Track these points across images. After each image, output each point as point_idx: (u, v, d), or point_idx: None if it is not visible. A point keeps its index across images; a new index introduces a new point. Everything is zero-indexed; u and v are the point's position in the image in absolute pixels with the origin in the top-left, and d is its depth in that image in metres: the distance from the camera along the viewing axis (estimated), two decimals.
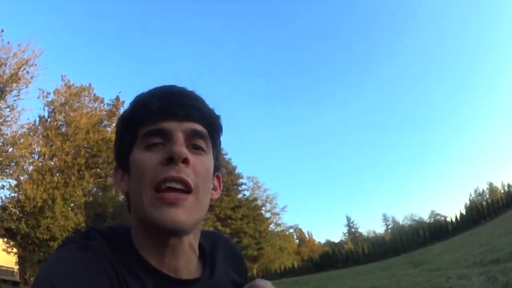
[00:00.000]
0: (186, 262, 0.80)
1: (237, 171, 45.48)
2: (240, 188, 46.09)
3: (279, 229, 52.71)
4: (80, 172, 28.40)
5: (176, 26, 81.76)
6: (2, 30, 21.64)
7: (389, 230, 62.08)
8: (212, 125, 0.83)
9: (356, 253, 31.18)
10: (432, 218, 55.21)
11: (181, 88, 0.83)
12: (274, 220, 51.28)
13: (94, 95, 30.91)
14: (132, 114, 0.80)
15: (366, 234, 66.58)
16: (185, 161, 0.74)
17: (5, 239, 24.58)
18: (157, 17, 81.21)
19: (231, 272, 0.93)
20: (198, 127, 0.79)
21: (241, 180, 46.03)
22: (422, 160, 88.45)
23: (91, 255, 0.69)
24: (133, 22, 77.43)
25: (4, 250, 24.72)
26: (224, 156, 43.43)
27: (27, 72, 23.26)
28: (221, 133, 0.88)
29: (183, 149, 0.75)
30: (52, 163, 28.38)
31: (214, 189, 0.87)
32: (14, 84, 22.90)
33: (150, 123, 0.77)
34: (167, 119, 0.77)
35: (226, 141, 0.89)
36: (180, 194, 0.73)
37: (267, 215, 49.41)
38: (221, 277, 0.87)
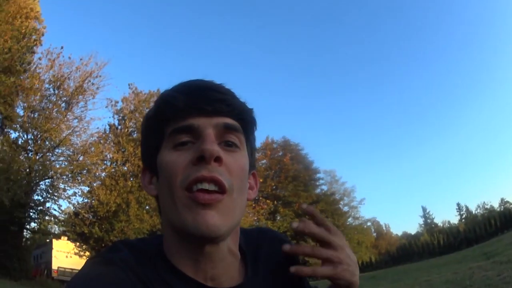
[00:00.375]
0: (226, 268, 0.75)
1: (314, 165, 44.90)
2: (317, 183, 45.69)
3: (357, 222, 52.12)
4: None
5: (243, 29, 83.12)
6: (62, 47, 22.68)
7: (463, 220, 59.72)
8: (244, 119, 0.77)
9: (431, 245, 30.84)
10: (502, 207, 52.53)
11: (208, 81, 0.77)
12: (352, 213, 50.88)
13: None
14: (157, 113, 0.76)
15: (441, 225, 65.04)
16: (218, 159, 0.69)
17: (78, 243, 25.87)
18: (218, 16, 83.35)
19: (279, 262, 0.85)
20: (230, 121, 0.74)
21: (318, 175, 45.61)
22: (496, 145, 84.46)
23: (114, 268, 0.67)
24: (196, 24, 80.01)
25: (76, 253, 26.04)
26: (300, 151, 43.39)
27: (92, 84, 24.26)
28: (255, 128, 0.82)
29: (215, 146, 0.70)
30: (126, 168, 29.42)
31: (251, 188, 0.82)
32: (80, 96, 23.91)
33: (177, 120, 0.72)
34: (195, 115, 0.72)
35: (301, 136, 0.59)
36: (214, 194, 0.68)
37: (345, 209, 49.01)
38: (267, 275, 0.83)
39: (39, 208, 22.95)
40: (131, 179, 29.05)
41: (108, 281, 0.64)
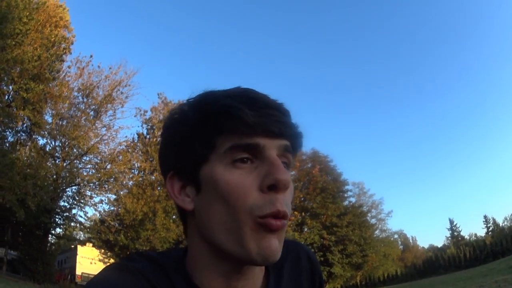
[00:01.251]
0: (254, 283, 0.75)
1: (342, 177, 44.76)
2: (345, 195, 45.60)
3: (384, 235, 51.93)
4: None
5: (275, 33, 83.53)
6: (91, 56, 23.12)
7: (490, 233, 58.68)
8: (298, 145, 0.74)
9: (458, 258, 30.93)
10: None
11: (270, 98, 0.72)
12: (379, 226, 50.68)
13: None
14: (211, 120, 0.69)
15: (468, 238, 64.68)
16: (286, 188, 0.67)
17: (102, 250, 26.06)
18: (242, 23, 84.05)
19: (302, 277, 0.86)
20: (288, 145, 0.71)
21: (346, 187, 45.46)
22: None
23: (130, 276, 0.66)
24: (229, 36, 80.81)
25: (100, 260, 26.22)
26: (329, 163, 43.31)
27: (121, 93, 24.60)
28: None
29: (287, 175, 0.67)
30: (153, 177, 29.56)
31: None
32: (109, 105, 24.25)
33: (241, 136, 0.67)
34: (261, 134, 0.67)
35: (330, 148, 0.65)
36: (281, 221, 0.66)
37: (372, 221, 48.83)
38: (289, 286, 0.82)
39: (65, 214, 23.35)
40: (159, 188, 29.18)
41: (126, 286, 0.63)
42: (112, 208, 26.09)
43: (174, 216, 28.74)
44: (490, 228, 61.80)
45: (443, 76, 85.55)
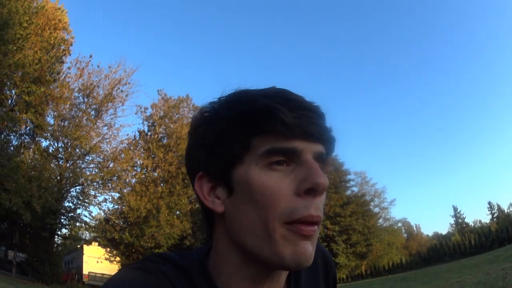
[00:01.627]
0: (278, 285, 0.72)
1: (344, 167, 45.10)
2: (348, 185, 45.82)
3: (387, 224, 51.94)
4: (185, 181, 29.10)
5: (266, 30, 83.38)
6: (91, 56, 23.21)
7: (495, 219, 58.18)
8: (331, 150, 0.72)
9: (463, 245, 30.76)
10: None
11: (308, 101, 0.70)
12: (383, 215, 50.69)
13: (193, 105, 31.71)
14: (249, 120, 0.67)
15: (472, 225, 64.30)
16: (324, 191, 0.66)
17: (108, 249, 26.29)
18: (243, 18, 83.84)
19: (319, 277, 0.87)
20: (323, 150, 0.69)
21: (348, 177, 45.80)
22: None
23: (153, 278, 0.64)
24: (223, 28, 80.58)
25: (107, 259, 26.45)
26: None
27: (121, 91, 24.68)
28: None
29: (326, 178, 0.65)
30: (156, 174, 29.73)
31: None
32: (110, 104, 24.35)
33: (279, 139, 0.65)
34: (299, 138, 0.66)
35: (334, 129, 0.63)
36: (314, 226, 0.65)
37: (376, 210, 48.85)
38: (307, 286, 0.82)
39: (70, 214, 23.48)
40: (162, 184, 29.38)
41: (149, 286, 0.62)
42: (116, 206, 26.35)
43: (177, 212, 29.01)
44: (495, 215, 61.41)
45: (451, 63, 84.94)
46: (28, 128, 21.59)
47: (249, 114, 0.66)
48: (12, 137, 21.10)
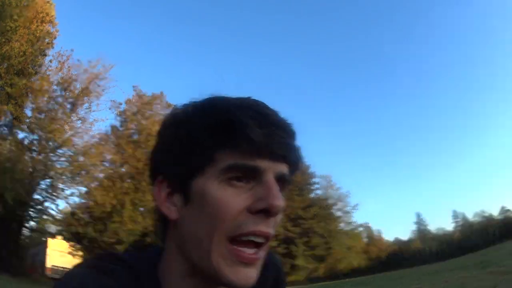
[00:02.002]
0: None
1: (310, 170, 44.11)
2: (312, 188, 45.12)
3: (349, 228, 50.53)
4: None
5: (244, 29, 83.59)
6: (72, 50, 23.11)
7: (459, 228, 59.48)
8: (295, 170, 0.72)
9: (423, 252, 30.86)
10: (503, 215, 51.20)
11: (281, 117, 0.70)
12: (345, 218, 49.81)
13: (167, 102, 31.73)
14: (217, 132, 0.65)
15: (435, 232, 64.81)
16: (277, 214, 0.65)
17: (72, 243, 26.20)
18: (224, 19, 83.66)
19: (266, 285, 0.83)
20: (286, 171, 0.69)
21: (314, 180, 45.02)
22: (495, 153, 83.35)
23: (106, 278, 0.63)
24: (201, 27, 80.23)
25: (69, 253, 26.37)
26: None
27: (98, 86, 24.66)
28: None
29: (282, 201, 0.65)
30: (123, 170, 29.69)
31: None
32: (86, 98, 24.34)
33: (244, 156, 0.64)
34: (263, 156, 0.65)
35: (298, 141, 0.72)
36: (259, 252, 0.65)
37: (338, 213, 47.98)
38: None
39: (38, 207, 23.33)
40: (128, 180, 29.36)
41: (103, 285, 0.62)
42: (83, 200, 26.20)
43: (141, 209, 29.07)
44: (460, 223, 61.52)
45: (420, 65, 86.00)
46: (7, 119, 21.38)
47: (217, 127, 0.65)
48: None
